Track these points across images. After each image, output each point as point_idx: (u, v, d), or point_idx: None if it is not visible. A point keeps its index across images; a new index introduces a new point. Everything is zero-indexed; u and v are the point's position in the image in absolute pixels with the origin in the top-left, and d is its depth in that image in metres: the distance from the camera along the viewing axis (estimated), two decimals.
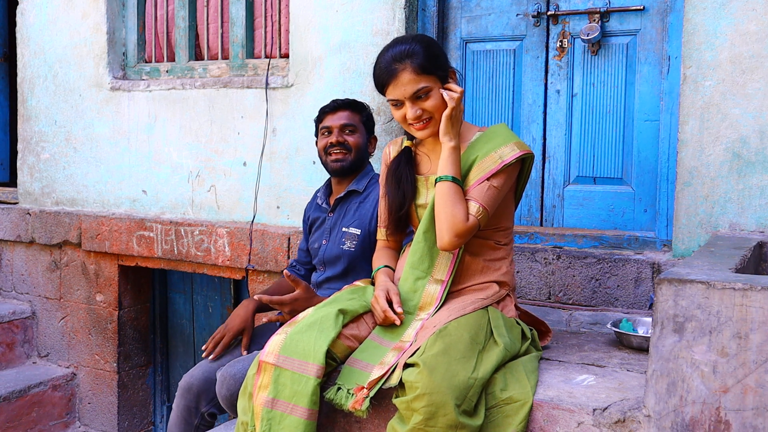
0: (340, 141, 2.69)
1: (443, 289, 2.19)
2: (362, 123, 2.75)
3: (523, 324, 2.24)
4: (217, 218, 3.74)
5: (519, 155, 2.14)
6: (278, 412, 1.99)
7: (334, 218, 2.75)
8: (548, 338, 2.40)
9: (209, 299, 4.18)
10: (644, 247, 2.86)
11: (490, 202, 2.13)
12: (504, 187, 2.16)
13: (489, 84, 3.22)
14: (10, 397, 3.88)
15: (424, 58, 2.13)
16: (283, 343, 2.05)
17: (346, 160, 2.70)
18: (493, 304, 2.18)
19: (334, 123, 2.72)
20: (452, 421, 1.81)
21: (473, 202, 2.12)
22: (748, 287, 1.61)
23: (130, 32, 4.10)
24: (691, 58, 2.61)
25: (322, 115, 2.78)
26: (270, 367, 2.03)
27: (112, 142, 4.05)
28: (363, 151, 2.75)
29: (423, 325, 2.12)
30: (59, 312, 4.25)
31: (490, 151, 2.16)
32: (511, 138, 2.19)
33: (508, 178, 2.17)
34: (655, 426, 1.71)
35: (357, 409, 1.96)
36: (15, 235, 4.35)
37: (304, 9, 3.42)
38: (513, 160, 2.13)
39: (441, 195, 2.12)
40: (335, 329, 2.07)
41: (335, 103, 2.76)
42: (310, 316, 2.13)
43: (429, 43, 2.19)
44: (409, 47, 2.14)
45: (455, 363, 1.90)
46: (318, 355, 2.01)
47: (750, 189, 2.55)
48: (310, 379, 1.99)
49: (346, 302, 2.19)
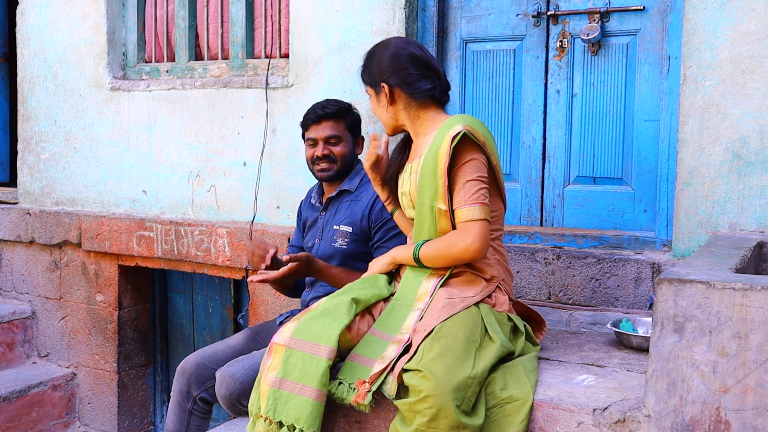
0: (326, 154, 2.72)
1: (436, 283, 2.21)
2: (347, 130, 2.77)
3: (516, 318, 2.23)
4: (217, 218, 3.74)
5: (455, 134, 2.13)
6: (285, 392, 1.98)
7: (326, 217, 2.77)
8: (543, 330, 2.39)
9: (209, 299, 4.18)
10: (644, 247, 2.86)
11: (476, 193, 2.14)
12: (475, 166, 2.16)
13: (489, 84, 3.22)
14: (10, 397, 3.88)
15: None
16: (296, 328, 2.06)
17: (332, 170, 2.73)
18: (483, 299, 2.18)
19: (319, 135, 2.73)
20: (454, 422, 1.81)
21: (465, 208, 2.13)
22: (748, 287, 1.61)
23: (130, 32, 4.10)
24: (691, 58, 2.61)
25: (307, 124, 2.77)
26: (281, 348, 2.03)
27: (112, 142, 4.05)
28: (349, 158, 2.77)
29: (419, 317, 2.13)
30: (59, 312, 4.25)
31: (440, 143, 2.18)
32: (454, 123, 2.19)
33: (472, 159, 2.16)
34: (655, 426, 1.71)
35: (360, 404, 1.96)
36: (15, 235, 4.35)
37: (304, 9, 3.42)
38: (454, 142, 2.13)
39: (430, 260, 2.20)
40: (348, 317, 2.09)
41: (317, 115, 2.74)
42: (323, 304, 2.14)
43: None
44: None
45: (453, 364, 1.90)
46: (331, 338, 2.02)
47: (750, 189, 2.55)
48: (322, 360, 1.99)
49: (359, 291, 2.21)
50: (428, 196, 2.19)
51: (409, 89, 2.28)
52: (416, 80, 2.28)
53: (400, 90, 2.29)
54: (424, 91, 2.28)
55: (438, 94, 2.31)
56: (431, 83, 2.29)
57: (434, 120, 2.31)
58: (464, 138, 2.15)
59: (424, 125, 2.32)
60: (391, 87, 2.29)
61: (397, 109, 2.32)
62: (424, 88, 2.28)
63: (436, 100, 2.33)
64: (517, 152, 3.18)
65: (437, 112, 2.33)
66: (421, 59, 2.31)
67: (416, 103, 2.30)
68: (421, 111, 2.31)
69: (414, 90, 2.28)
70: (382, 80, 2.30)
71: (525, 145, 3.15)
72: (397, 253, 2.32)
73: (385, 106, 2.33)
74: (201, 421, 2.72)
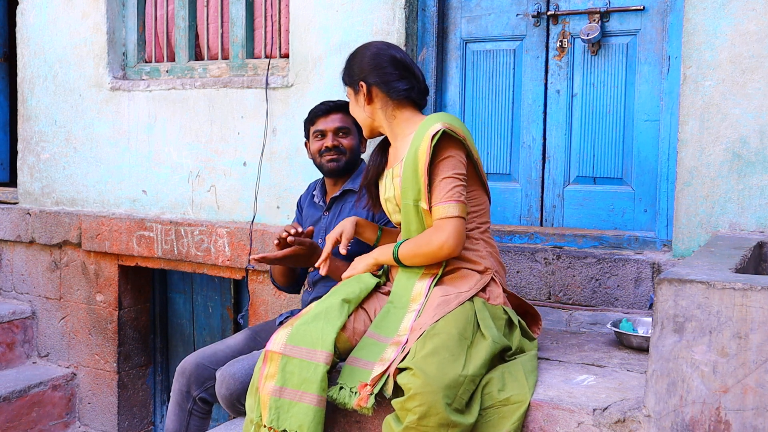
0: (336, 144, 2.72)
1: (430, 283, 2.21)
2: (354, 124, 2.76)
3: (511, 312, 2.22)
4: (217, 218, 3.74)
5: (434, 132, 2.14)
6: (286, 401, 1.99)
7: (330, 217, 2.76)
8: (539, 325, 2.38)
9: (209, 299, 4.18)
10: (644, 247, 2.86)
11: (451, 191, 2.14)
12: (452, 163, 2.16)
13: (489, 84, 3.22)
14: (10, 397, 3.88)
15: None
16: (290, 334, 2.06)
17: (341, 161, 2.73)
18: (477, 293, 2.18)
19: (328, 126, 2.74)
20: (444, 420, 1.82)
21: (441, 205, 2.14)
22: (748, 287, 1.61)
23: (130, 32, 4.10)
24: (691, 58, 2.61)
25: (314, 118, 2.79)
26: (277, 356, 2.03)
27: (112, 142, 4.05)
28: (357, 152, 2.78)
29: (415, 318, 2.13)
30: (59, 312, 4.25)
31: (419, 143, 2.19)
32: (433, 122, 2.19)
33: (450, 156, 2.17)
34: (655, 426, 1.71)
35: (362, 407, 1.97)
36: (15, 235, 4.35)
37: (304, 9, 3.42)
38: (434, 140, 2.14)
39: (409, 258, 2.22)
40: (341, 318, 2.10)
41: (327, 106, 2.77)
42: (314, 308, 2.14)
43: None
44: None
45: (445, 363, 1.91)
46: (326, 342, 2.02)
47: (750, 189, 2.55)
48: (319, 366, 2.00)
49: (347, 291, 2.21)
50: (412, 197, 2.21)
51: (386, 88, 2.30)
52: (394, 80, 2.30)
53: (377, 89, 2.31)
54: (401, 90, 2.30)
55: (415, 95, 2.33)
56: (408, 84, 2.31)
57: (410, 121, 2.32)
58: (443, 136, 2.16)
59: (401, 126, 2.32)
60: (369, 86, 2.31)
61: (374, 109, 2.33)
62: (402, 87, 2.30)
63: (413, 102, 2.34)
64: (517, 152, 3.18)
65: (413, 113, 2.34)
66: (400, 61, 2.33)
67: (393, 102, 2.31)
68: (397, 111, 2.32)
69: (391, 89, 2.30)
70: (360, 79, 2.33)
71: (525, 145, 3.15)
72: (379, 253, 2.33)
73: (362, 106, 2.35)
74: (201, 421, 2.73)
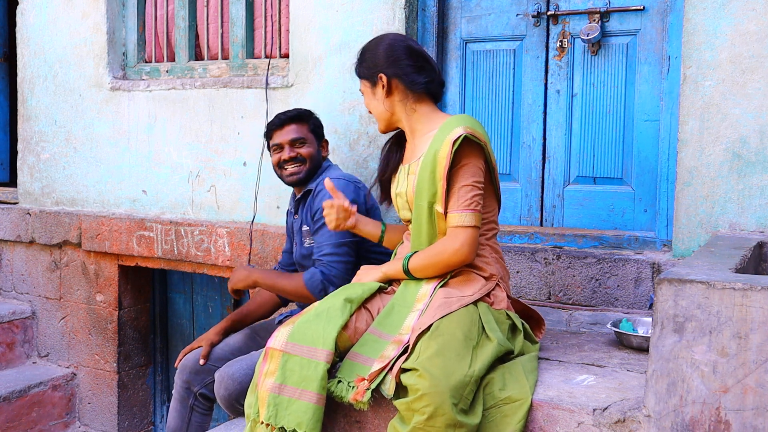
0: (293, 156, 2.76)
1: (436, 285, 2.21)
2: (311, 132, 2.82)
3: (515, 316, 2.23)
4: (217, 218, 3.74)
5: (456, 137, 2.14)
6: (285, 398, 1.99)
7: (298, 220, 2.82)
8: (542, 329, 2.39)
9: (209, 299, 4.18)
10: (644, 247, 2.86)
11: (469, 200, 2.15)
12: (471, 171, 2.16)
13: (489, 84, 3.22)
14: (10, 397, 3.88)
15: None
16: (291, 332, 2.06)
17: (301, 171, 2.77)
18: (482, 298, 2.18)
19: (284, 139, 2.78)
20: (451, 420, 1.81)
21: (457, 213, 2.14)
22: (748, 287, 1.61)
23: (130, 32, 4.10)
24: (691, 58, 2.61)
25: (270, 131, 2.84)
26: (277, 354, 2.03)
27: (112, 142, 4.05)
28: (316, 158, 2.81)
29: (418, 317, 2.13)
30: (59, 312, 4.25)
31: (439, 146, 2.18)
32: (455, 125, 2.19)
33: (470, 163, 2.17)
34: (655, 426, 1.71)
35: (358, 401, 1.96)
36: (15, 235, 4.35)
37: (304, 9, 3.42)
38: (455, 145, 2.13)
39: (421, 270, 2.21)
40: (343, 317, 2.09)
41: (280, 119, 2.82)
42: (316, 307, 2.15)
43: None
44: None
45: (451, 362, 1.90)
46: (327, 340, 2.02)
47: (750, 189, 2.55)
48: (320, 364, 1.99)
49: (350, 291, 2.21)
50: (427, 198, 2.19)
51: (406, 80, 2.28)
52: (413, 72, 2.28)
53: (397, 81, 2.29)
54: (421, 83, 2.28)
55: (435, 88, 2.31)
56: (428, 76, 2.29)
57: (430, 118, 2.30)
58: (464, 141, 2.15)
59: (421, 121, 2.31)
60: (389, 78, 2.29)
61: (394, 102, 2.31)
62: (422, 80, 2.28)
63: (432, 95, 2.33)
64: (517, 152, 3.18)
65: (432, 108, 2.33)
66: (417, 52, 2.31)
67: (413, 95, 2.30)
68: (417, 105, 2.31)
69: (411, 81, 2.28)
70: (379, 71, 2.30)
71: (525, 145, 3.15)
72: (388, 268, 2.32)
73: (381, 99, 2.32)
74: (202, 418, 2.73)
